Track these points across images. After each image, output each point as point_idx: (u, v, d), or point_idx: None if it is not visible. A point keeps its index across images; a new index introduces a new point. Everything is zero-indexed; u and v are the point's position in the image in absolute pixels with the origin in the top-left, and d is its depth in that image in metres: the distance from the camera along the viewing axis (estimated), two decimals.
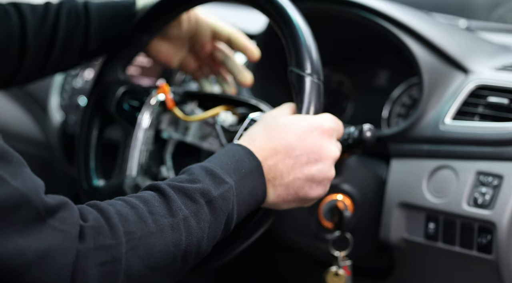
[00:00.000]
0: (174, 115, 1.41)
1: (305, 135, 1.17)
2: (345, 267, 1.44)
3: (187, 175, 1.09)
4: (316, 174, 1.17)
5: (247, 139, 1.17)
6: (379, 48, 1.69)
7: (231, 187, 1.09)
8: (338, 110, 1.74)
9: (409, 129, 1.48)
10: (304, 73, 1.22)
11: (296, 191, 1.17)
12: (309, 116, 1.20)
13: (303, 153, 1.16)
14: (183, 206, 1.05)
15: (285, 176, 1.15)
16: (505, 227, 1.32)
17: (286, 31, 1.26)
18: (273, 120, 1.19)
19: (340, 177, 1.46)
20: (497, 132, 1.38)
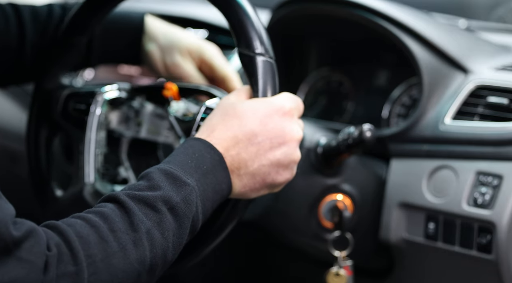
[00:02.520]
0: (122, 113, 1.36)
1: (266, 119, 1.13)
2: (346, 267, 1.44)
3: (146, 181, 1.04)
4: (281, 158, 1.14)
5: (206, 131, 1.12)
6: (379, 48, 1.69)
7: (193, 188, 1.05)
8: (338, 110, 1.74)
9: (409, 129, 1.48)
10: (254, 53, 1.17)
11: (262, 178, 1.13)
12: (267, 99, 1.15)
13: (266, 138, 1.12)
14: (145, 217, 1.00)
15: (249, 164, 1.12)
16: (505, 227, 1.32)
17: (229, 12, 1.19)
18: (231, 107, 1.14)
19: (340, 177, 1.46)
20: (497, 132, 1.38)
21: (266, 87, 1.17)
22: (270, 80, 1.17)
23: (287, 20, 1.70)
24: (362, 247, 1.49)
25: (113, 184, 1.37)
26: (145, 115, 1.35)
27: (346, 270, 1.44)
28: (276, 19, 1.70)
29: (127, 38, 1.47)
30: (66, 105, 1.38)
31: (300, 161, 1.42)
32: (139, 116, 1.36)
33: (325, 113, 1.75)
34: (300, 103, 1.19)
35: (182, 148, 1.10)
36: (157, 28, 1.48)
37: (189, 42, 1.46)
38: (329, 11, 1.64)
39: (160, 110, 1.33)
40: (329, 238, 1.45)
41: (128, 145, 1.38)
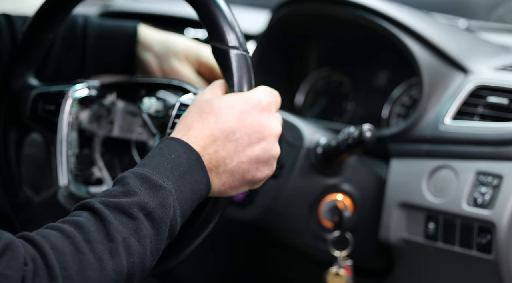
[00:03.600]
0: (93, 111, 1.32)
1: (243, 115, 1.10)
2: (346, 267, 1.44)
3: (121, 187, 1.01)
4: (260, 154, 1.11)
5: (182, 129, 1.09)
6: (379, 48, 1.69)
7: (170, 192, 1.02)
8: (338, 110, 1.75)
9: (409, 129, 1.48)
10: (228, 47, 1.13)
11: (242, 175, 1.10)
12: (244, 94, 1.12)
13: (244, 134, 1.09)
14: (121, 225, 0.97)
15: (228, 162, 1.09)
16: (505, 227, 1.32)
17: (200, 5, 1.15)
18: (207, 104, 1.10)
19: (340, 177, 1.46)
20: (496, 132, 1.38)
21: (241, 81, 1.13)
22: (245, 74, 1.14)
23: (287, 20, 1.70)
24: (362, 247, 1.49)
25: (88, 186, 1.34)
26: (117, 113, 1.32)
27: (346, 270, 1.44)
28: (276, 19, 1.70)
29: (121, 49, 1.45)
30: (34, 106, 1.33)
31: (300, 161, 1.42)
32: (110, 114, 1.32)
33: (325, 113, 1.75)
34: (278, 96, 1.17)
35: (157, 149, 1.07)
36: (151, 37, 1.46)
37: (185, 47, 1.45)
38: (329, 11, 1.64)
39: (132, 107, 1.30)
40: (329, 238, 1.45)
41: (101, 144, 1.35)
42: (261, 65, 1.75)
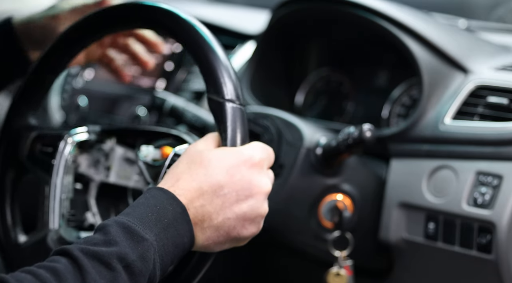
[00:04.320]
0: (92, 156, 1.31)
1: (232, 170, 1.07)
2: (346, 267, 1.44)
3: (102, 235, 0.98)
4: (247, 212, 1.07)
5: (170, 179, 1.07)
6: (379, 48, 1.69)
7: (151, 244, 0.99)
8: (338, 110, 1.75)
9: (409, 129, 1.48)
10: (224, 99, 1.11)
11: (227, 232, 1.07)
12: (236, 149, 1.09)
13: (232, 190, 1.06)
14: (98, 276, 0.94)
15: (214, 217, 1.06)
16: (505, 227, 1.32)
17: (199, 55, 1.14)
18: (198, 155, 1.08)
19: (340, 177, 1.46)
20: (496, 132, 1.38)
21: (235, 135, 1.11)
22: (240, 128, 1.11)
23: (287, 20, 1.70)
24: (362, 247, 1.49)
25: (79, 231, 1.32)
26: (114, 159, 1.30)
27: (346, 270, 1.44)
28: (276, 19, 1.71)
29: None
30: (33, 147, 1.32)
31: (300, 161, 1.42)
32: (108, 160, 1.31)
33: (325, 113, 1.75)
34: (271, 153, 1.13)
35: (143, 199, 1.04)
36: (29, 28, 1.45)
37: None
38: (329, 11, 1.64)
39: (131, 154, 1.28)
40: (329, 238, 1.45)
41: (97, 190, 1.33)
42: (261, 65, 1.75)
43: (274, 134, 1.47)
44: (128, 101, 1.90)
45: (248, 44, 1.84)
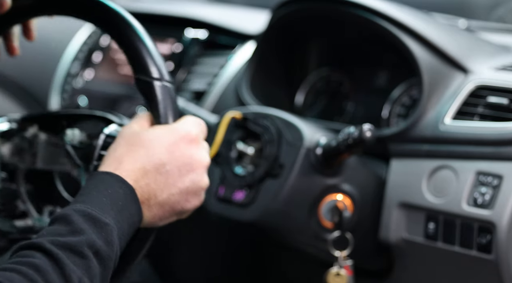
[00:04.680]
0: (15, 145, 1.30)
1: (172, 147, 1.11)
2: (346, 267, 1.44)
3: (66, 225, 1.00)
4: (190, 186, 1.11)
5: (113, 163, 1.09)
6: (379, 48, 1.69)
7: (112, 227, 1.02)
8: (338, 110, 1.74)
9: (409, 129, 1.48)
10: (152, 78, 1.14)
11: (171, 207, 1.11)
12: (171, 126, 1.13)
13: (174, 167, 1.10)
14: (75, 266, 0.96)
15: (158, 194, 1.09)
16: (505, 227, 1.32)
17: (123, 38, 1.16)
18: (136, 137, 1.11)
19: (340, 177, 1.46)
20: (497, 132, 1.38)
21: (167, 113, 1.14)
22: (170, 105, 1.14)
23: (287, 20, 1.70)
24: (362, 247, 1.49)
25: (12, 219, 1.31)
26: (39, 145, 1.29)
27: (346, 270, 1.44)
28: (276, 19, 1.70)
29: None
30: None
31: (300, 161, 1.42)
32: (33, 147, 1.30)
33: (325, 113, 1.75)
34: (204, 125, 1.17)
35: (92, 185, 1.06)
36: None
37: None
38: (329, 11, 1.64)
39: (55, 139, 1.28)
40: (329, 238, 1.45)
41: (24, 177, 1.32)
42: (261, 65, 1.75)
43: (274, 134, 1.47)
44: (128, 101, 1.90)
45: (248, 44, 1.84)
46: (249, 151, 1.50)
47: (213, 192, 1.52)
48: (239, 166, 1.51)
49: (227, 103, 1.75)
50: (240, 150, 1.51)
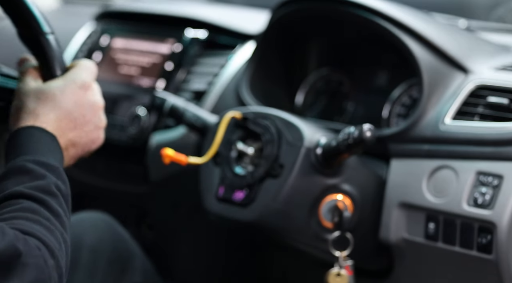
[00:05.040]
0: None
1: (74, 97, 1.21)
2: (347, 267, 1.44)
3: (27, 174, 1.10)
4: (93, 129, 1.23)
5: (30, 117, 1.18)
6: (379, 48, 1.69)
7: (60, 169, 1.14)
8: (338, 110, 1.74)
9: (409, 129, 1.48)
10: (36, 32, 1.22)
11: (82, 148, 1.22)
12: (68, 77, 1.22)
13: (79, 114, 1.21)
14: (54, 203, 1.09)
15: (71, 138, 1.20)
16: (505, 227, 1.32)
17: None
18: (39, 92, 1.20)
19: (340, 177, 1.46)
20: (497, 132, 1.38)
21: (55, 64, 1.22)
22: (57, 56, 1.22)
23: (287, 19, 1.70)
24: (363, 247, 1.49)
25: None
26: None
27: (346, 270, 1.44)
28: (276, 18, 1.70)
29: None
30: None
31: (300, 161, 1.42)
32: None
33: (325, 113, 1.75)
34: (93, 66, 1.26)
35: (23, 138, 1.15)
36: None
37: None
38: (329, 11, 1.64)
39: None
40: (329, 238, 1.45)
41: None
42: (261, 65, 1.75)
43: (274, 134, 1.47)
44: (127, 101, 1.90)
45: (249, 44, 1.84)
46: (249, 151, 1.50)
47: (213, 192, 1.52)
48: (239, 166, 1.51)
49: (227, 103, 1.75)
50: (240, 150, 1.51)
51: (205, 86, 1.82)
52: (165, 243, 1.91)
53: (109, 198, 1.99)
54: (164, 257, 1.91)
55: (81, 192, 2.03)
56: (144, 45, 1.95)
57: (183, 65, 1.88)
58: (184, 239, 1.89)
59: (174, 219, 1.88)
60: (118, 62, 1.97)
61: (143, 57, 1.93)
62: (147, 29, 1.99)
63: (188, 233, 1.88)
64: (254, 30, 1.85)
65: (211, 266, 1.94)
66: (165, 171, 1.81)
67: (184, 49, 1.88)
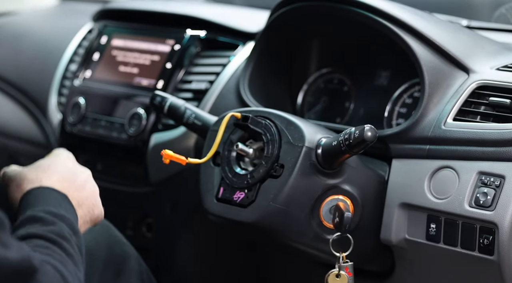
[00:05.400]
0: None
1: (65, 164, 1.28)
2: (347, 268, 1.44)
3: (38, 221, 1.13)
4: (89, 193, 1.28)
5: (36, 182, 1.22)
6: (380, 47, 1.69)
7: (72, 219, 1.18)
8: (339, 110, 1.74)
9: (410, 129, 1.47)
10: None
11: (88, 211, 1.26)
12: (50, 155, 1.30)
13: (75, 177, 1.27)
14: (69, 246, 1.13)
15: (80, 200, 1.25)
16: (507, 227, 1.32)
17: None
18: (35, 165, 1.26)
19: (341, 177, 1.45)
20: (498, 132, 1.37)
21: None
22: None
23: (288, 19, 1.70)
24: (363, 248, 1.48)
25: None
26: None
27: (347, 271, 1.43)
28: (276, 18, 1.70)
29: None
30: None
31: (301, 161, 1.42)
32: None
33: (326, 113, 1.75)
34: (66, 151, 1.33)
35: (32, 197, 1.19)
36: None
37: None
38: (330, 10, 1.64)
39: None
40: (330, 239, 1.44)
41: None
42: (261, 65, 1.74)
43: (274, 134, 1.46)
44: (127, 101, 1.89)
45: (250, 44, 1.83)
46: (249, 151, 1.50)
47: (213, 192, 1.52)
48: (239, 167, 1.50)
49: (227, 103, 1.75)
50: (240, 150, 1.50)
51: (205, 86, 1.82)
52: (165, 243, 1.91)
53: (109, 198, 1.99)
54: (164, 257, 1.90)
55: None
56: (143, 44, 1.94)
57: (183, 64, 1.87)
58: (184, 239, 1.88)
59: (174, 219, 1.87)
60: (117, 62, 1.96)
61: (143, 56, 1.93)
62: (146, 28, 1.99)
63: (188, 233, 1.88)
64: (254, 30, 1.84)
65: (211, 267, 1.93)
66: (165, 171, 1.81)
67: (184, 48, 1.88)
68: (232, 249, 1.88)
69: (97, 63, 1.99)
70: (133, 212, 1.94)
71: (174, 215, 1.87)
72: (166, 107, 1.63)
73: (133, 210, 1.94)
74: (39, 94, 2.15)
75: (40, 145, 2.17)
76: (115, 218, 1.70)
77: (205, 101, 1.79)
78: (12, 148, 2.27)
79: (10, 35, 2.35)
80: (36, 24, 2.39)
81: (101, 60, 1.99)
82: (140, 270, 1.49)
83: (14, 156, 2.27)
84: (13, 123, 2.26)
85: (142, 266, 1.50)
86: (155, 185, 1.85)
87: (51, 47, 2.20)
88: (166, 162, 1.45)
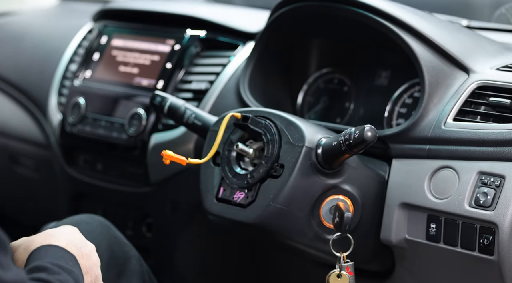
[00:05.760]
0: None
1: (70, 232, 1.29)
2: (348, 267, 1.44)
3: (44, 271, 1.14)
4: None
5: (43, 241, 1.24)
6: (381, 47, 1.69)
7: (78, 274, 1.19)
8: (339, 110, 1.74)
9: (410, 129, 1.47)
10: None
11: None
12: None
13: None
14: None
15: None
16: (507, 227, 1.32)
17: None
18: (38, 235, 1.26)
19: (341, 177, 1.45)
20: (498, 132, 1.37)
21: None
22: None
23: (288, 19, 1.70)
24: (364, 247, 1.48)
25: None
26: None
27: (347, 271, 1.43)
28: (276, 18, 1.70)
29: None
30: None
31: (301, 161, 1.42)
32: None
33: (326, 113, 1.75)
34: None
35: (40, 253, 1.20)
36: None
37: None
38: (330, 10, 1.64)
39: None
40: (330, 239, 1.44)
41: None
42: (261, 65, 1.74)
43: (274, 134, 1.46)
44: (127, 101, 1.89)
45: (250, 44, 1.83)
46: (249, 151, 1.50)
47: (213, 192, 1.52)
48: (239, 167, 1.50)
49: (227, 103, 1.75)
50: (240, 150, 1.50)
51: (205, 86, 1.82)
52: (165, 243, 1.91)
53: (109, 198, 1.99)
54: (164, 257, 1.90)
55: (81, 192, 2.03)
56: (143, 44, 1.94)
57: (183, 64, 1.87)
58: (184, 239, 1.88)
59: (174, 219, 1.87)
60: (117, 62, 1.96)
61: (143, 56, 1.93)
62: (146, 28, 1.99)
63: (188, 233, 1.88)
64: (254, 30, 1.84)
65: (211, 266, 1.93)
66: (165, 171, 1.81)
67: (184, 48, 1.88)
68: (232, 249, 1.88)
69: (97, 63, 1.99)
70: (133, 212, 1.94)
71: (174, 215, 1.87)
72: (166, 107, 1.63)
73: (133, 210, 1.94)
74: (39, 94, 2.15)
75: (40, 145, 2.17)
76: (115, 218, 1.70)
77: (205, 101, 1.79)
78: (12, 148, 2.27)
79: (10, 35, 2.35)
80: (36, 24, 2.39)
81: (101, 60, 1.99)
82: (142, 271, 1.49)
83: (14, 156, 2.27)
84: (13, 123, 2.26)
85: (143, 267, 1.50)
86: (155, 185, 1.85)
87: (51, 47, 2.20)
88: (167, 163, 1.46)
